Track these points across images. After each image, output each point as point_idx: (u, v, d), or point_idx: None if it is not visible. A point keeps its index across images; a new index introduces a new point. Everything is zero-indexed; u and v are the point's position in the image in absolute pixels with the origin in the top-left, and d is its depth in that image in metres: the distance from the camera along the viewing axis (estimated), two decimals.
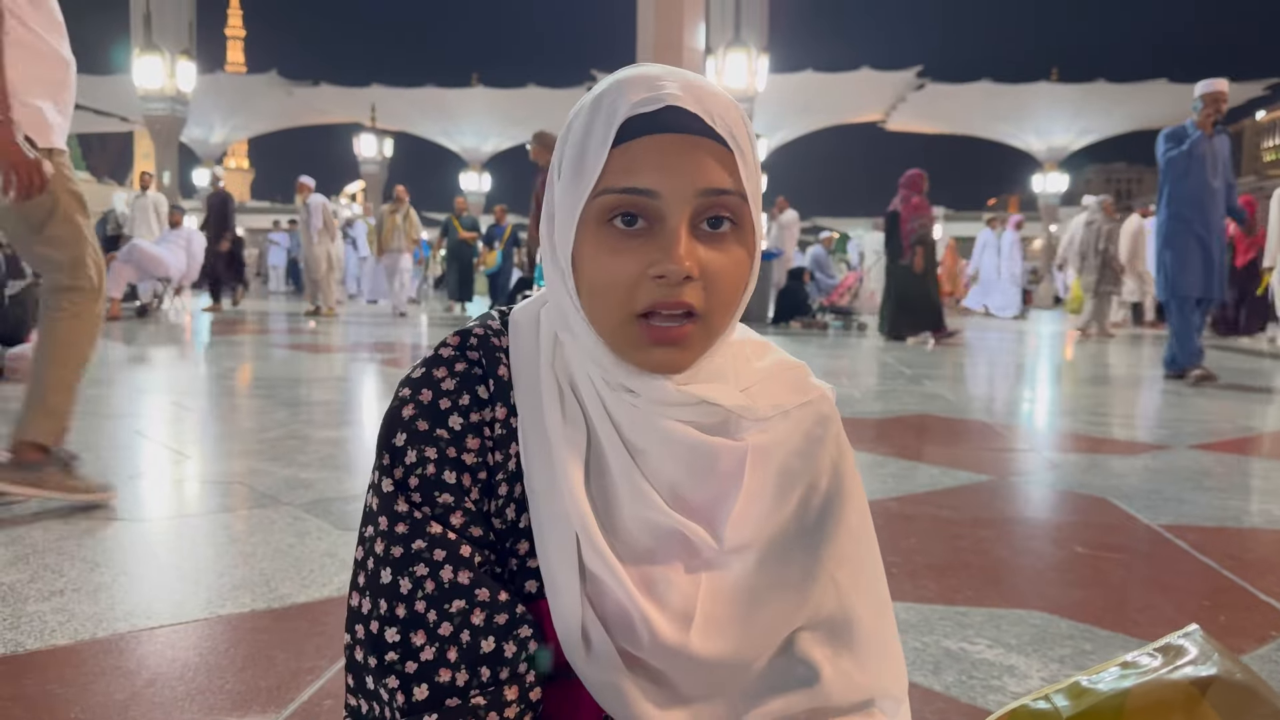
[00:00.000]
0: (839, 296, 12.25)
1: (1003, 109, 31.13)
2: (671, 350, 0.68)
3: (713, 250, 0.68)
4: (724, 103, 0.70)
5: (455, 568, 0.68)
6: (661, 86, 0.68)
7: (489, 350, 0.75)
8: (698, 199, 0.67)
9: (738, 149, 0.69)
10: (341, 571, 1.90)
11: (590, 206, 0.68)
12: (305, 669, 1.44)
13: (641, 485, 0.72)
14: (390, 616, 0.68)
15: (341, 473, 2.82)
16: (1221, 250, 5.79)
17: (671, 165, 0.66)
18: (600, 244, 0.68)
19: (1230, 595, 1.86)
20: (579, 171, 0.68)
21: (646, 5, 12.07)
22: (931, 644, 1.57)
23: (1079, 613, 1.73)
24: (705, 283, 0.67)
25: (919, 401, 4.85)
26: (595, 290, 0.69)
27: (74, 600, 1.71)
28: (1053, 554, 2.14)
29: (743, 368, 0.78)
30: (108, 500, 2.38)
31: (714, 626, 0.71)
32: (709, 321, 0.69)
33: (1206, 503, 2.61)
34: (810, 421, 0.78)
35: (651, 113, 0.67)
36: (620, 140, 0.67)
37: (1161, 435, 3.81)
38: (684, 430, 0.72)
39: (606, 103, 0.69)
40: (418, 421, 0.72)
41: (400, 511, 0.70)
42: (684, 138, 0.67)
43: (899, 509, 2.49)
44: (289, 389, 4.79)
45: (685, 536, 0.72)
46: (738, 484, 0.74)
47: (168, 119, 21.91)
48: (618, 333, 0.69)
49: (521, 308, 0.79)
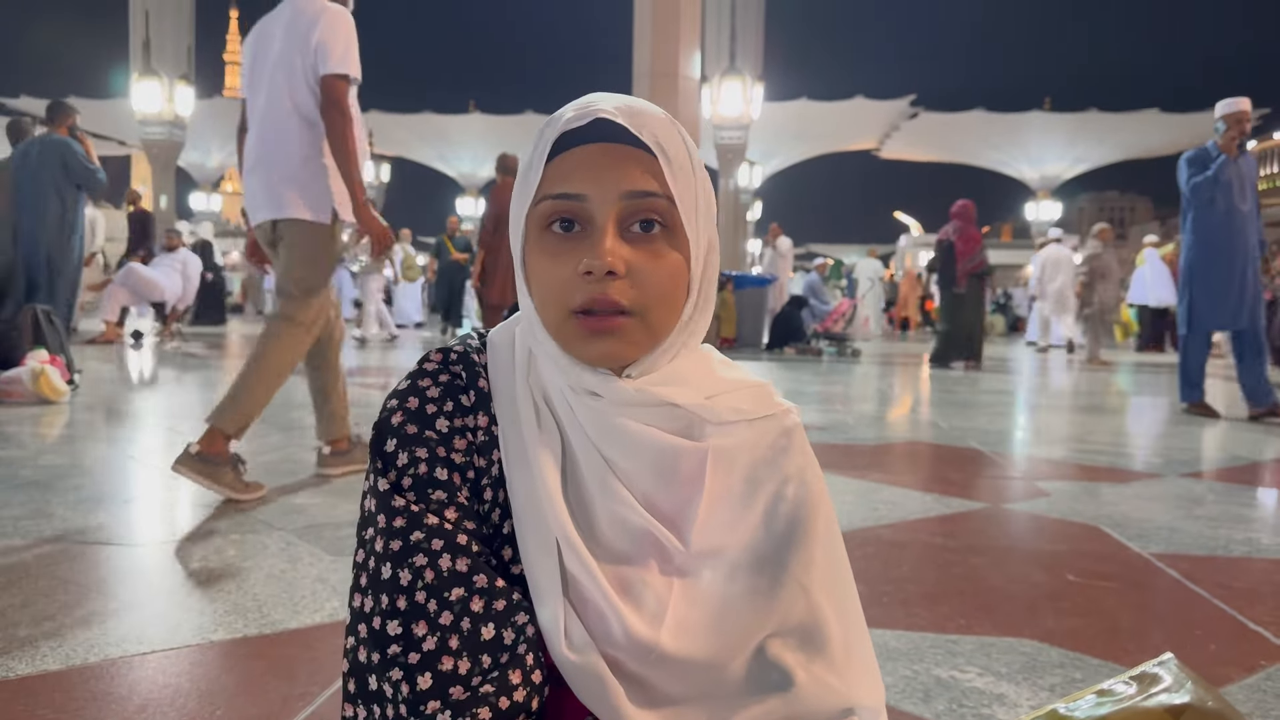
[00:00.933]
0: (833, 323, 12.27)
1: (996, 137, 31.36)
2: (608, 340, 0.72)
3: (641, 250, 0.73)
4: (654, 117, 0.75)
5: (453, 555, 0.71)
6: (592, 104, 0.74)
7: (469, 365, 0.80)
8: (623, 201, 0.72)
9: (664, 156, 0.74)
10: (334, 598, 1.90)
11: (533, 215, 0.75)
12: (297, 695, 1.44)
13: (614, 484, 0.75)
14: (392, 610, 0.70)
15: (335, 498, 2.82)
16: (1256, 276, 5.47)
17: (598, 171, 0.73)
18: (543, 249, 0.74)
19: (1220, 624, 1.87)
20: (524, 184, 0.76)
21: (642, 34, 12.17)
22: (922, 672, 1.58)
23: (1070, 641, 1.74)
24: (634, 280, 0.72)
25: (912, 428, 4.86)
26: (540, 292, 0.75)
27: (66, 625, 1.71)
28: (1044, 582, 2.15)
29: (707, 376, 0.81)
30: (258, 498, 2.77)
31: (685, 629, 0.74)
32: (646, 318, 0.73)
33: (1197, 531, 2.62)
34: (774, 433, 0.81)
35: (585, 128, 0.74)
36: (557, 154, 0.74)
37: (1153, 464, 3.82)
38: (646, 431, 0.76)
39: (549, 123, 0.76)
40: (406, 426, 0.76)
41: (397, 507, 0.73)
42: (611, 146, 0.73)
43: (891, 536, 2.50)
44: (283, 413, 4.78)
45: (658, 540, 0.75)
46: (700, 488, 0.77)
47: (165, 143, 21.97)
48: (562, 330, 0.74)
49: (498, 328, 0.84)
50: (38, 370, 4.91)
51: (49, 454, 3.47)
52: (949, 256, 9.34)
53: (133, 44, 21.72)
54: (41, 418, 4.41)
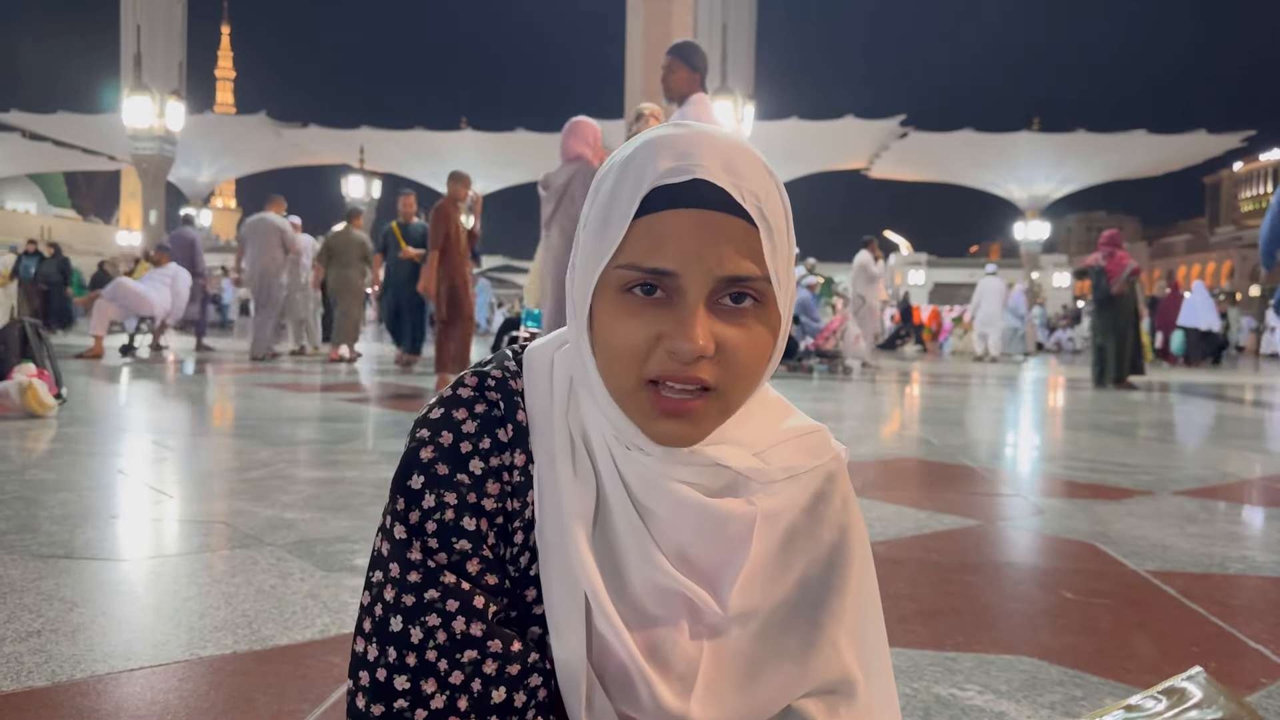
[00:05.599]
0: (824, 340, 12.30)
1: (985, 158, 31.59)
2: (681, 424, 0.67)
3: (732, 326, 0.66)
4: (756, 173, 0.67)
5: (468, 619, 0.67)
6: (691, 156, 0.66)
7: (507, 393, 0.74)
8: (717, 282, 0.66)
9: (765, 227, 0.66)
10: (324, 614, 1.87)
11: (610, 272, 0.67)
12: (287, 712, 1.41)
13: (648, 548, 0.71)
14: (400, 665, 0.66)
15: (325, 513, 2.79)
16: None
17: (693, 248, 0.65)
18: (618, 308, 0.67)
19: (1218, 642, 1.85)
20: (602, 235, 0.67)
21: (634, 52, 12.23)
22: (921, 690, 1.56)
23: (1069, 658, 1.73)
24: (721, 358, 0.66)
25: (905, 445, 4.85)
26: (609, 351, 0.68)
27: (51, 641, 1.68)
28: (1041, 599, 2.14)
29: (762, 429, 0.76)
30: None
31: (714, 695, 0.71)
32: (725, 397, 0.68)
33: (1192, 549, 2.62)
34: (820, 480, 0.78)
35: (679, 183, 0.65)
36: (646, 209, 0.66)
37: (1145, 481, 3.82)
38: (692, 494, 0.71)
39: (634, 167, 0.67)
40: (437, 465, 0.70)
41: (413, 560, 0.68)
42: (709, 215, 0.65)
43: (887, 553, 2.48)
44: (272, 428, 4.75)
45: (690, 600, 0.71)
46: (745, 548, 0.72)
47: (156, 158, 21.97)
48: (629, 398, 0.68)
49: (537, 348, 0.78)
50: (25, 384, 4.86)
51: (35, 468, 3.43)
52: (1099, 280, 9.88)
53: (124, 59, 21.75)
54: (28, 431, 4.36)
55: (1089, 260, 10.18)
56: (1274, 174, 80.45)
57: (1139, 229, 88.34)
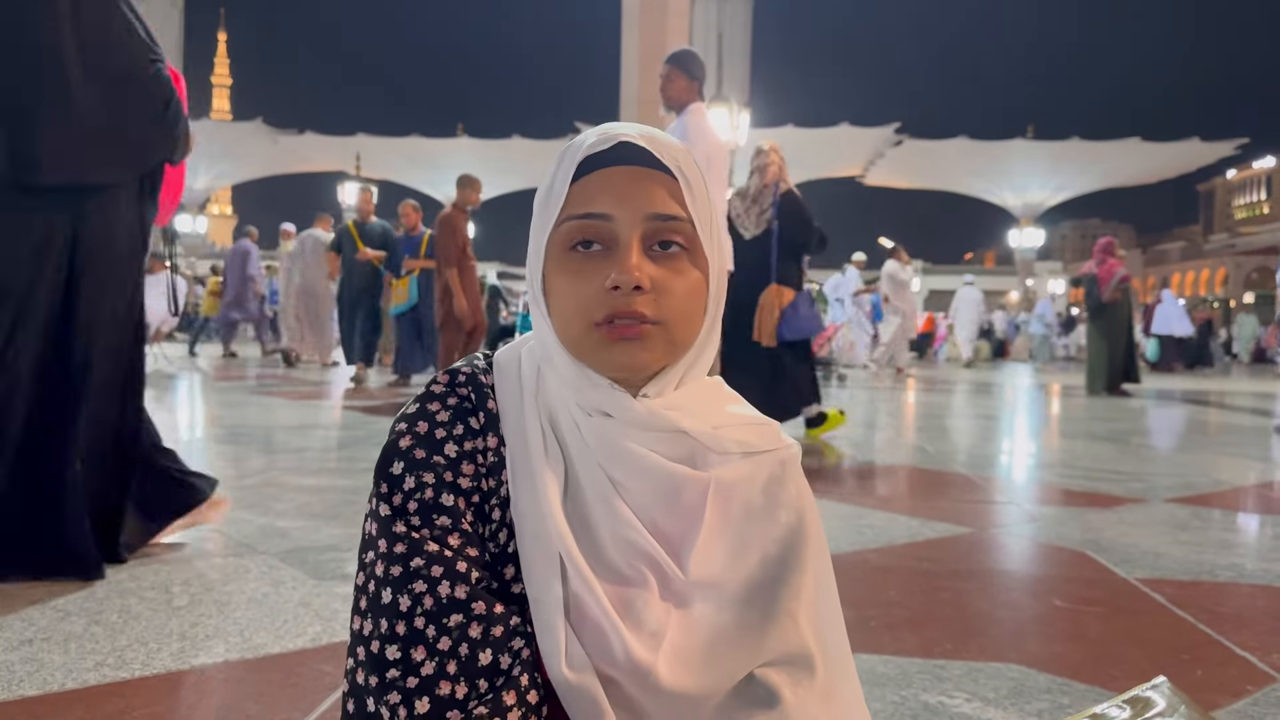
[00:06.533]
0: (818, 347, 12.31)
1: (979, 165, 31.70)
2: (631, 346, 0.74)
3: (664, 268, 0.76)
4: (674, 145, 0.79)
5: (452, 583, 0.71)
6: (615, 130, 0.77)
7: (477, 386, 0.81)
8: (647, 222, 0.75)
9: (684, 180, 0.77)
10: (316, 622, 1.88)
11: (555, 236, 0.77)
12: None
13: (618, 504, 0.76)
14: (391, 634, 0.70)
15: (318, 521, 2.80)
16: None
17: (623, 192, 0.75)
18: (565, 268, 0.76)
19: (1207, 649, 1.86)
20: (545, 205, 0.78)
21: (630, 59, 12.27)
22: (910, 697, 1.57)
23: (1057, 666, 1.74)
24: (657, 295, 0.75)
25: (897, 453, 4.86)
26: (562, 310, 0.76)
27: (43, 649, 1.68)
28: (1031, 607, 2.15)
29: (716, 408, 0.83)
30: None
31: (680, 659, 0.74)
32: (668, 329, 0.76)
33: (1182, 556, 2.63)
34: (773, 464, 0.83)
35: (607, 151, 0.77)
36: (581, 178, 0.76)
37: (1137, 488, 3.83)
38: (652, 455, 0.77)
39: (569, 151, 0.78)
40: (415, 450, 0.76)
41: (398, 533, 0.73)
42: (635, 169, 0.76)
43: (878, 561, 2.49)
44: (264, 436, 4.75)
45: (659, 563, 0.76)
46: (700, 518, 0.77)
47: None
48: (582, 342, 0.76)
49: (504, 350, 0.85)
50: None
51: None
52: (1092, 287, 9.92)
53: None
54: None
55: (1084, 268, 10.29)
56: (1268, 181, 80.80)
57: (1133, 236, 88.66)
